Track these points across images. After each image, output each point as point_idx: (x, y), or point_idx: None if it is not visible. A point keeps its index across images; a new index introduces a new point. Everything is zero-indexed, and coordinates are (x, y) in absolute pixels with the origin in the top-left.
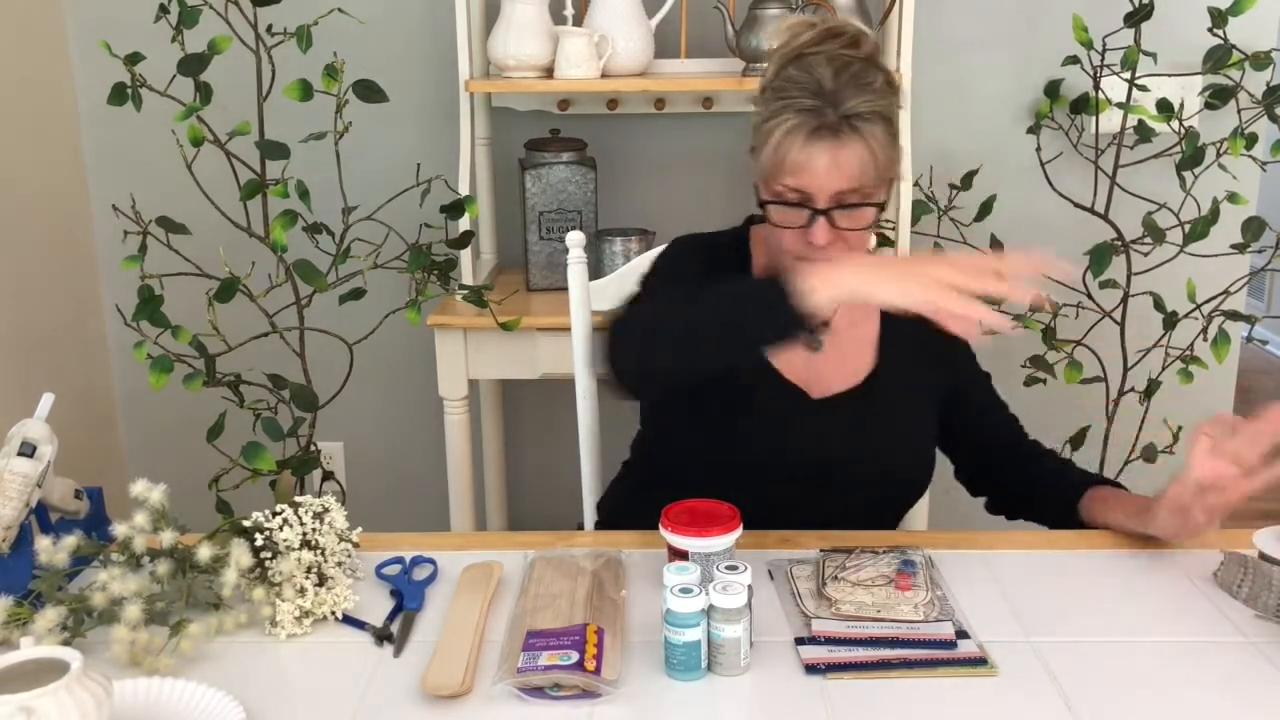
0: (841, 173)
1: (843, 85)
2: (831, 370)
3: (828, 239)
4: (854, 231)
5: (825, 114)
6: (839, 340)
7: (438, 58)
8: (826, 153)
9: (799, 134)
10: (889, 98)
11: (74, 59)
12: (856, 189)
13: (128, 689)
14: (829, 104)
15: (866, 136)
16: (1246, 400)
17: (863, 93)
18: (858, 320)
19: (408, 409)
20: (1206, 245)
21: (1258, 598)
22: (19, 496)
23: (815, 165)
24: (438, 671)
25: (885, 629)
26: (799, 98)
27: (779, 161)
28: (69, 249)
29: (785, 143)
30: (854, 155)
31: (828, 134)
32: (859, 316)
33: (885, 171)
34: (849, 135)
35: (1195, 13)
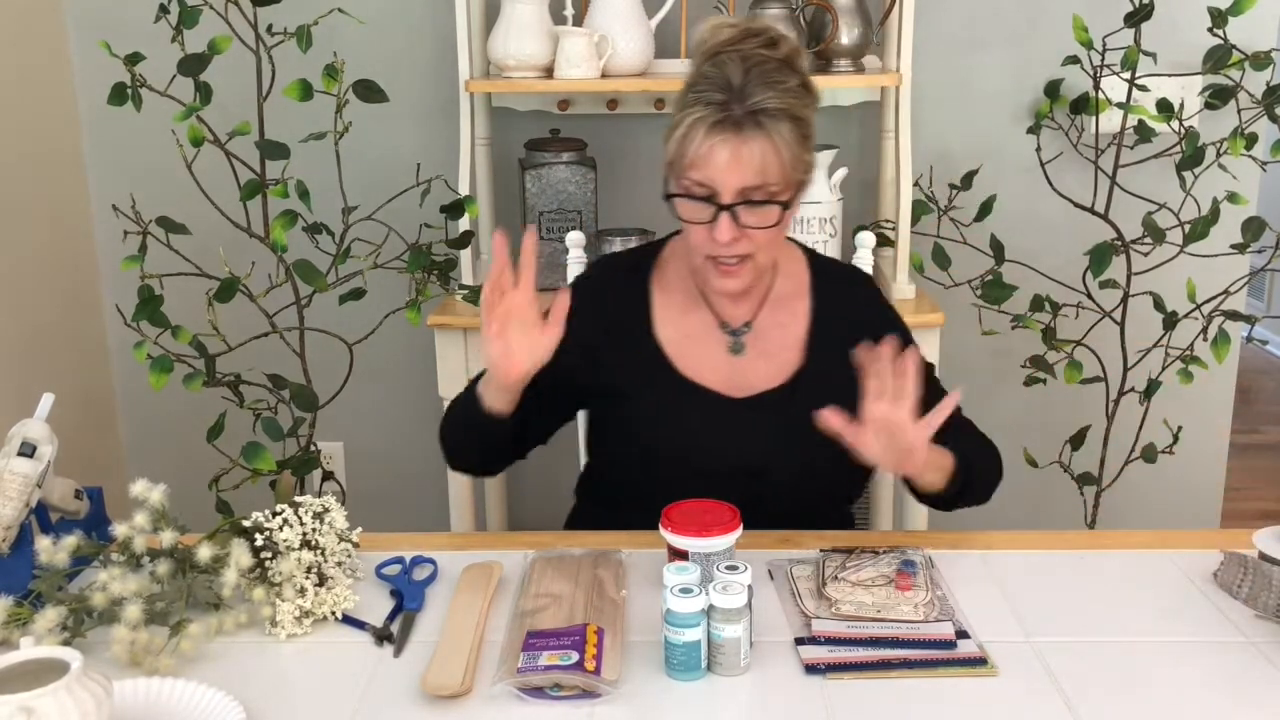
0: (743, 167)
1: (751, 81)
2: (755, 370)
3: (731, 235)
4: (760, 230)
5: (731, 108)
6: (764, 340)
7: (438, 58)
8: (727, 146)
9: (701, 126)
10: (802, 99)
11: (74, 59)
12: (760, 185)
13: (128, 689)
14: (735, 99)
15: (771, 132)
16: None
17: (770, 89)
18: (785, 321)
19: (408, 409)
20: (1206, 245)
21: (1258, 598)
22: (19, 496)
23: (716, 158)
24: (438, 671)
25: (885, 629)
26: (707, 92)
27: (682, 154)
28: (69, 249)
29: (689, 135)
30: (756, 150)
31: (730, 127)
32: (785, 317)
33: (792, 170)
34: (752, 130)
35: (1195, 13)
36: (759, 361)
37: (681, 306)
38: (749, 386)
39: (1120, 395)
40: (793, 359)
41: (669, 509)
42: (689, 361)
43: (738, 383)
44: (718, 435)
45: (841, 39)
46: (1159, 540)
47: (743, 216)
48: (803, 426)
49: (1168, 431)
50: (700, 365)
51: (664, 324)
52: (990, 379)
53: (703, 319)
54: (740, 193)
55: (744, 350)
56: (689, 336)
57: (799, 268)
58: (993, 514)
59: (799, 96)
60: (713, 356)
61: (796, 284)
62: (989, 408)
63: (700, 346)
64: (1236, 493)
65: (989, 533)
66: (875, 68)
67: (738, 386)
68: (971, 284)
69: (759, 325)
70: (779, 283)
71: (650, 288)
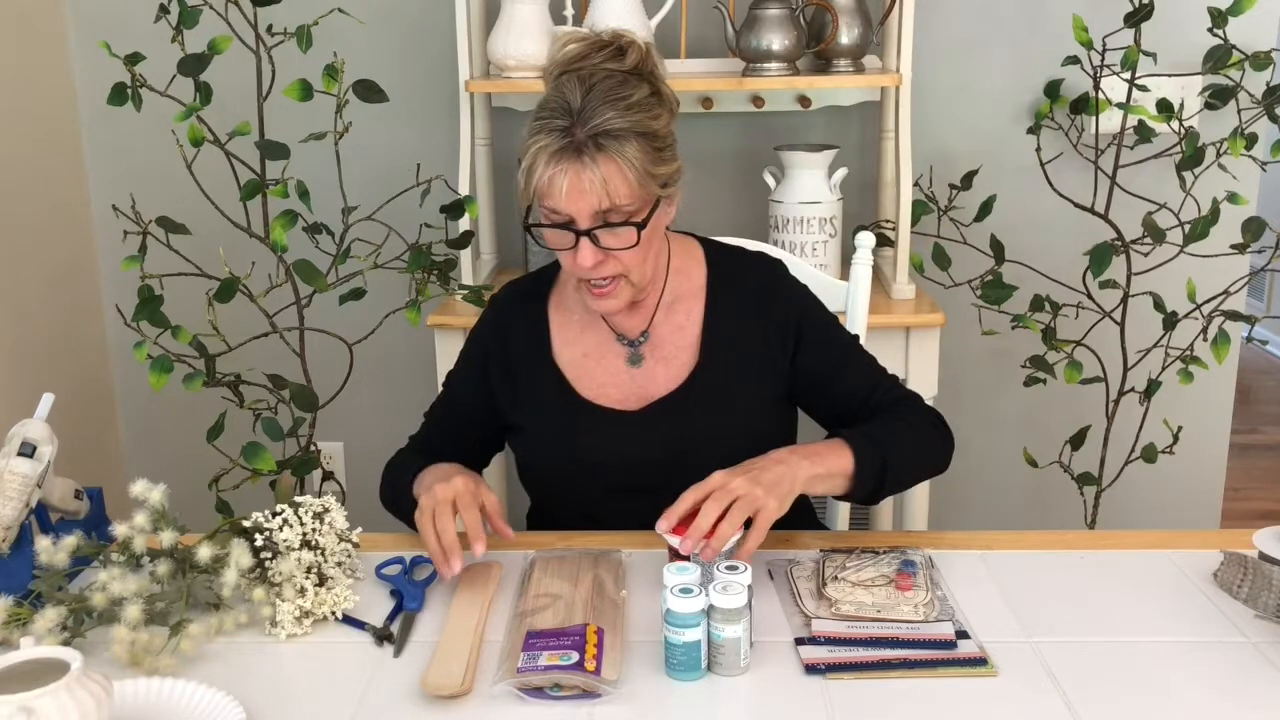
0: (587, 194)
1: (592, 103)
2: (653, 379)
3: (593, 260)
4: (623, 251)
5: (573, 133)
6: (662, 347)
7: (438, 58)
8: (568, 174)
9: (543, 156)
10: (651, 110)
11: (74, 59)
12: (614, 208)
13: (128, 689)
14: (578, 123)
15: (613, 154)
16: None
17: (612, 108)
18: (681, 324)
19: (408, 409)
20: (1206, 245)
21: (1258, 598)
22: (19, 496)
23: (557, 186)
24: (438, 672)
25: (885, 629)
26: (549, 119)
27: (530, 185)
28: (69, 249)
29: (533, 166)
30: (598, 176)
31: (570, 155)
32: (681, 320)
33: (642, 189)
34: (594, 154)
35: (1195, 13)
36: (657, 369)
37: (580, 325)
38: (647, 396)
39: (1120, 395)
40: (689, 361)
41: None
42: (588, 381)
43: (637, 394)
44: (615, 451)
45: (841, 39)
46: (1159, 540)
47: (602, 239)
48: (699, 428)
49: (1168, 431)
50: (599, 383)
51: (563, 346)
52: (990, 379)
53: (600, 335)
54: (595, 216)
55: (642, 360)
56: (587, 355)
57: (696, 265)
58: (993, 514)
59: (647, 109)
60: (611, 372)
61: (693, 283)
62: (989, 408)
63: (598, 364)
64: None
65: (989, 533)
66: (875, 68)
67: (636, 398)
68: (971, 284)
69: (655, 332)
70: (674, 285)
71: (548, 312)
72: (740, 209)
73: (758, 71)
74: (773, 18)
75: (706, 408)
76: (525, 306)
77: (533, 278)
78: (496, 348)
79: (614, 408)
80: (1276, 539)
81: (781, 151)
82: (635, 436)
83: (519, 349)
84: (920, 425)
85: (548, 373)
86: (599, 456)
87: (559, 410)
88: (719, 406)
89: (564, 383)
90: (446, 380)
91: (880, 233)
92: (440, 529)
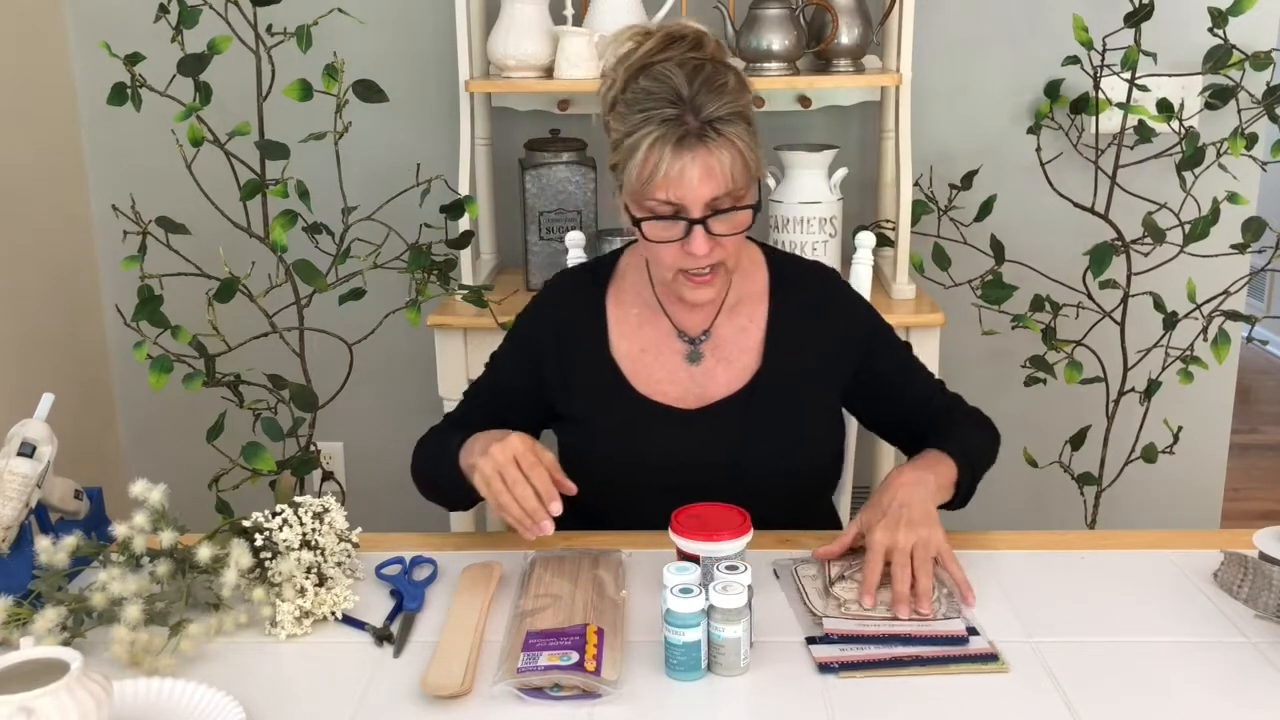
0: (714, 179)
1: (699, 90)
2: (713, 379)
3: (707, 248)
4: (729, 237)
5: (688, 121)
6: (723, 347)
7: (438, 58)
8: (697, 161)
9: (665, 145)
10: (744, 95)
11: (74, 59)
12: (728, 193)
13: (128, 689)
14: (689, 111)
15: (732, 139)
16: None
17: (720, 95)
18: (744, 325)
19: (408, 409)
20: (1206, 245)
21: (1258, 598)
22: (19, 496)
23: (688, 175)
24: (438, 672)
25: (897, 626)
26: (658, 108)
27: (649, 176)
28: (69, 249)
29: (652, 155)
30: (723, 159)
31: (694, 142)
32: (744, 322)
33: (754, 171)
34: (715, 140)
35: (1195, 13)
36: (717, 369)
37: (638, 319)
38: (706, 396)
39: (1120, 395)
40: (751, 364)
41: (678, 513)
42: (645, 376)
43: (695, 393)
44: (672, 450)
45: (841, 39)
46: (1159, 540)
47: (714, 227)
48: (759, 431)
49: (1168, 431)
50: (657, 379)
51: (620, 339)
52: (990, 379)
53: (659, 330)
54: (709, 204)
55: (701, 359)
56: (645, 350)
57: (758, 269)
58: (993, 514)
59: (741, 94)
60: (670, 368)
61: (756, 286)
62: (989, 408)
63: (657, 359)
64: (1236, 493)
65: (989, 533)
66: (875, 68)
67: (695, 397)
68: (971, 284)
69: (717, 332)
70: (738, 285)
71: (606, 303)
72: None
73: (758, 71)
74: (773, 18)
75: (767, 412)
76: (582, 296)
77: (588, 268)
78: (550, 336)
79: (672, 405)
80: (1276, 539)
81: (781, 151)
82: (692, 436)
83: (574, 339)
84: (983, 426)
85: (604, 366)
86: (654, 454)
87: (615, 404)
88: (780, 411)
89: (620, 377)
90: (491, 362)
91: (880, 233)
92: (520, 496)
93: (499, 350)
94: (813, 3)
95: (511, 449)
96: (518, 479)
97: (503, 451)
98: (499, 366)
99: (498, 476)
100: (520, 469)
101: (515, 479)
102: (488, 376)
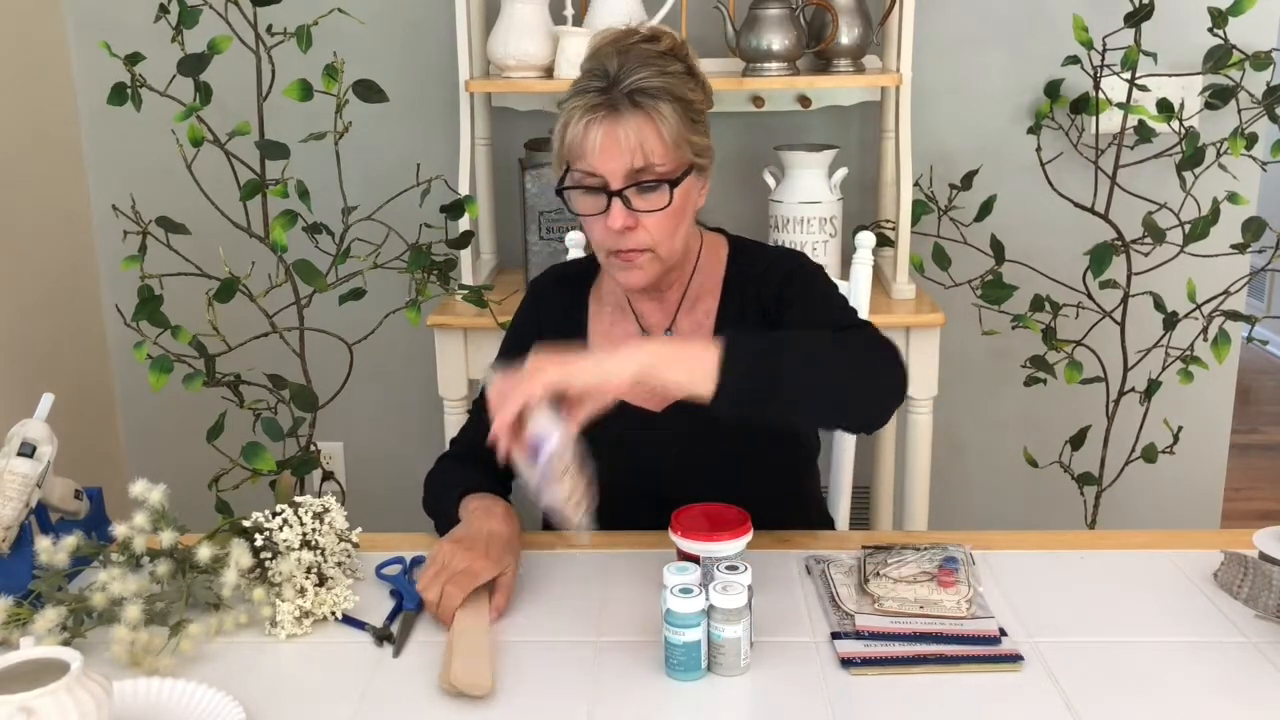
0: (622, 148)
1: (627, 64)
2: None
3: (624, 222)
4: (654, 215)
5: (610, 93)
6: None
7: (438, 58)
8: (602, 127)
9: (578, 113)
10: (686, 82)
11: (74, 59)
12: (646, 167)
13: (128, 689)
14: (613, 84)
15: (649, 110)
16: (1246, 400)
17: (648, 69)
18: (700, 321)
19: (408, 409)
20: (1206, 245)
21: (1258, 598)
22: (19, 496)
23: (593, 141)
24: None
25: (930, 624)
26: (586, 83)
27: (565, 145)
28: (69, 249)
29: (569, 124)
30: (633, 129)
31: (606, 109)
32: (700, 317)
33: (676, 148)
34: (630, 110)
35: (1195, 13)
36: None
37: (611, 317)
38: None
39: (1120, 395)
40: None
41: (678, 513)
42: None
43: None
44: (636, 453)
45: (841, 39)
46: (1159, 540)
47: (634, 201)
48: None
49: (1168, 431)
50: None
51: (595, 336)
52: (990, 379)
53: (626, 329)
54: (628, 176)
55: None
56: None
57: (718, 263)
58: (993, 514)
59: (682, 79)
60: None
61: (712, 280)
62: (989, 408)
63: None
64: (1236, 493)
65: (989, 533)
66: (875, 68)
67: (659, 398)
68: (971, 284)
69: (680, 329)
70: (698, 281)
71: (588, 300)
72: (740, 209)
73: (758, 71)
74: (773, 17)
75: None
76: (564, 290)
77: (576, 264)
78: (534, 337)
79: (637, 407)
80: (1276, 539)
81: (781, 151)
82: (653, 438)
83: (555, 333)
84: (849, 342)
85: None
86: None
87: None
88: None
89: None
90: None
91: (880, 233)
92: (441, 609)
93: (494, 364)
94: (813, 3)
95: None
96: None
97: (463, 559)
98: None
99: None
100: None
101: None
102: None
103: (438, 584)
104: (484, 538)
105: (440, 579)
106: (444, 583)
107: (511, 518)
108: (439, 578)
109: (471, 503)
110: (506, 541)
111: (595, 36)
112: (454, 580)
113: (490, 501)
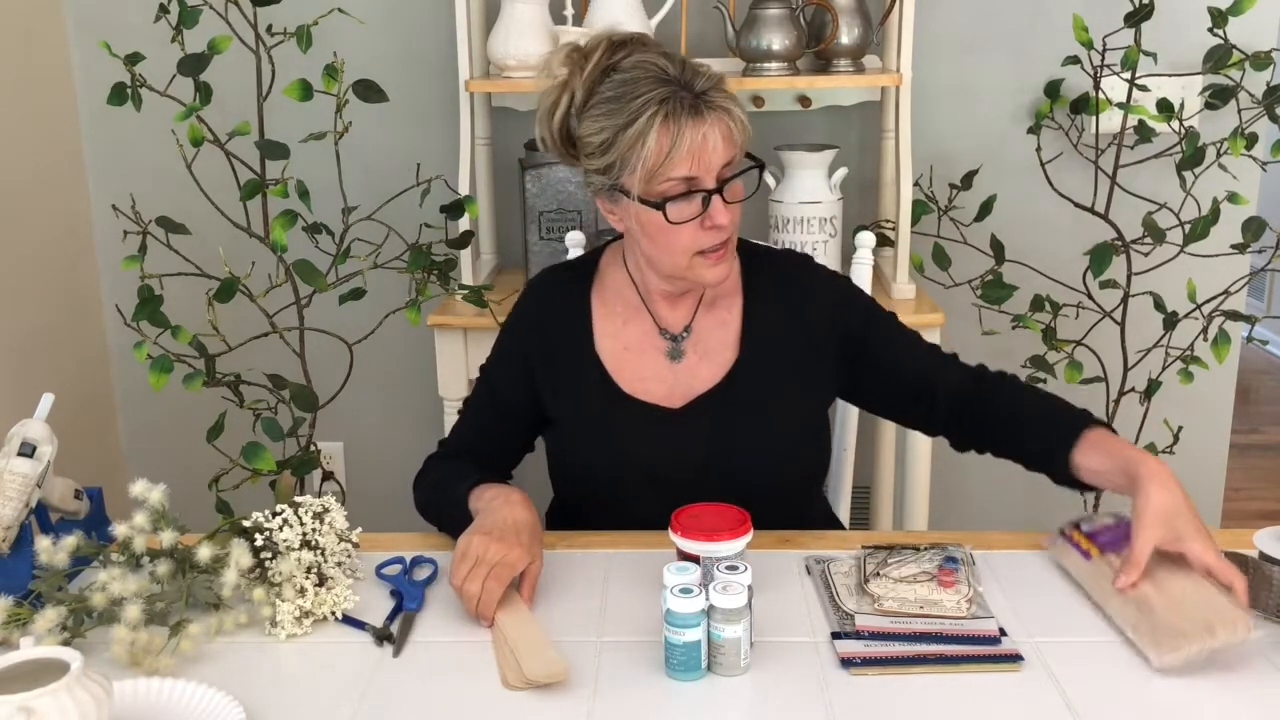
0: (731, 142)
1: (681, 68)
2: (695, 375)
3: (729, 216)
4: (736, 205)
5: (683, 96)
6: (704, 343)
7: (438, 58)
8: (715, 127)
9: (680, 118)
10: None
11: (74, 59)
12: (732, 159)
13: (128, 689)
14: (682, 88)
15: (726, 104)
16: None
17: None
18: (724, 319)
19: (408, 409)
20: (1206, 245)
21: (1258, 598)
22: (19, 496)
23: (709, 141)
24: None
25: (930, 624)
26: (651, 90)
27: (668, 151)
28: (69, 249)
29: (668, 131)
30: (732, 124)
31: (703, 110)
32: (724, 315)
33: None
34: (712, 107)
35: (1195, 13)
36: (699, 365)
37: (622, 317)
38: (689, 392)
39: (1120, 395)
40: (732, 358)
41: (678, 513)
42: (629, 375)
43: (679, 391)
44: (657, 447)
45: (841, 39)
46: None
47: (727, 195)
48: (742, 424)
49: (1168, 431)
50: (642, 377)
51: (604, 337)
52: None
53: (642, 329)
54: (720, 173)
55: (683, 356)
56: (628, 349)
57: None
58: (993, 514)
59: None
60: (653, 366)
61: (732, 280)
62: None
63: (639, 357)
64: (1236, 493)
65: (989, 533)
66: (875, 68)
67: (678, 394)
68: (971, 284)
69: (698, 328)
70: None
71: (590, 301)
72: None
73: (758, 71)
74: (773, 17)
75: (748, 403)
76: (565, 293)
77: (569, 266)
78: (536, 336)
79: (657, 404)
80: (1276, 539)
81: (781, 151)
82: (677, 434)
83: (559, 337)
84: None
85: (589, 365)
86: (641, 453)
87: (600, 403)
88: (760, 402)
89: (605, 376)
90: (483, 374)
91: (880, 232)
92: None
93: (489, 364)
94: (813, 3)
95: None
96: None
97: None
98: (495, 383)
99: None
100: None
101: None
102: (483, 389)
103: (477, 578)
104: (512, 526)
105: (480, 573)
106: (483, 577)
107: (530, 504)
108: (478, 572)
109: (487, 492)
110: (533, 529)
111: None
112: (494, 574)
113: (506, 490)
